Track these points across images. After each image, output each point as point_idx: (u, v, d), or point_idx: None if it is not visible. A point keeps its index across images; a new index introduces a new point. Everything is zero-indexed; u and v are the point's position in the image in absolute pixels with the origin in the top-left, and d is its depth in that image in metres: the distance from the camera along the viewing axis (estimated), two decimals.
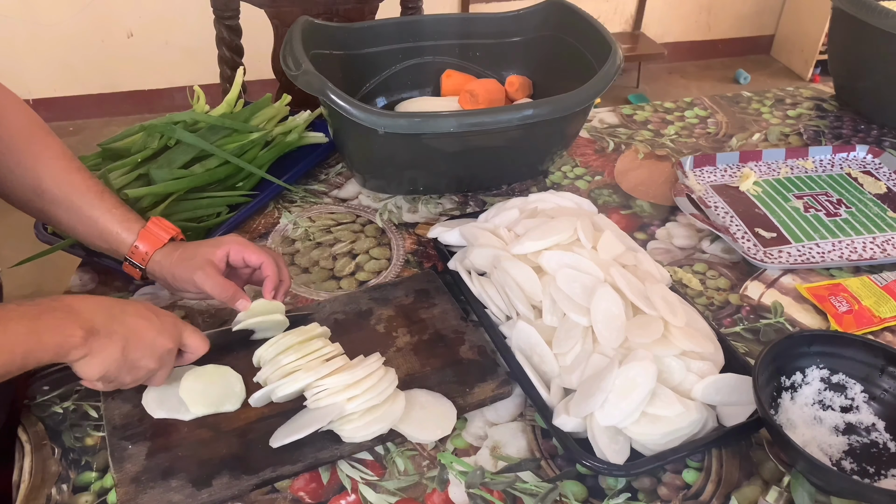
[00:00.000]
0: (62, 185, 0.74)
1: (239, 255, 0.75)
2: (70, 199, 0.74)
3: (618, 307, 0.71)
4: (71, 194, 0.74)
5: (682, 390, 0.67)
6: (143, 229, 0.75)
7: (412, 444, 0.68)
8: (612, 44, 1.00)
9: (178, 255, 0.75)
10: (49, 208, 0.75)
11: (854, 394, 0.71)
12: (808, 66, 3.52)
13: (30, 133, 0.74)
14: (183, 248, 0.76)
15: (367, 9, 1.47)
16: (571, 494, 0.65)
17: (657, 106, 1.32)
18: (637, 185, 1.09)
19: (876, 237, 0.98)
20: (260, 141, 1.01)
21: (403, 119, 0.89)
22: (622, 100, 3.29)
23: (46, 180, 0.74)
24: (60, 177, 0.74)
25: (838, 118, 1.30)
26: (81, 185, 0.75)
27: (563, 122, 0.98)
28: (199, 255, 0.74)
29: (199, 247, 0.76)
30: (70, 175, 0.75)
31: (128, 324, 0.63)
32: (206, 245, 0.76)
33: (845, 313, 0.83)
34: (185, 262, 0.74)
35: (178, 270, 0.74)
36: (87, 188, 0.75)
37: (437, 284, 0.85)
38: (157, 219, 0.77)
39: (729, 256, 0.94)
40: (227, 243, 0.76)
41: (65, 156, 0.76)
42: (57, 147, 0.76)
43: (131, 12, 2.83)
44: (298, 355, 0.68)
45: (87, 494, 0.64)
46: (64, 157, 0.75)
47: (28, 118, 0.75)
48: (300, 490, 0.64)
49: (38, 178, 0.73)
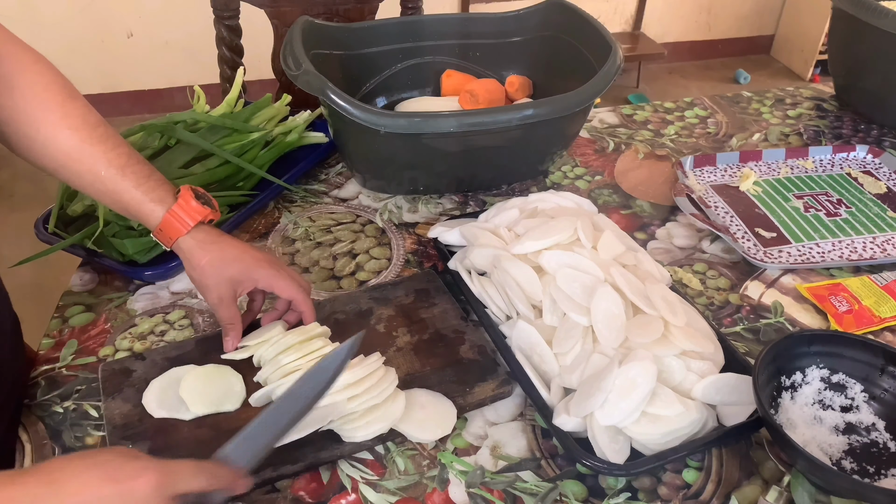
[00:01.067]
0: (83, 158, 0.69)
1: (269, 286, 0.72)
2: (92, 174, 0.69)
3: (618, 307, 0.71)
4: (92, 167, 0.69)
5: (682, 390, 0.67)
6: (168, 213, 0.70)
7: (412, 444, 0.68)
8: (612, 44, 1.00)
9: (207, 260, 0.70)
10: (73, 179, 0.71)
11: (854, 393, 0.71)
12: (808, 66, 3.52)
13: (47, 99, 0.69)
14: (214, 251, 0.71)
15: (367, 9, 1.46)
16: (571, 494, 0.65)
17: (657, 106, 1.32)
18: (637, 185, 1.09)
19: (876, 237, 0.98)
20: (260, 141, 1.01)
21: (403, 119, 0.89)
22: (622, 100, 3.29)
23: (65, 152, 0.69)
24: (80, 149, 0.69)
25: (838, 118, 1.30)
26: (102, 157, 0.69)
27: (563, 122, 0.98)
28: (227, 274, 0.70)
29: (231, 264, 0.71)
30: (91, 146, 0.69)
31: None
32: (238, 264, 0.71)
33: (845, 313, 0.83)
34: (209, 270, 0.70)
35: (197, 274, 0.71)
36: (109, 162, 0.69)
37: (438, 284, 0.85)
38: (186, 195, 0.71)
39: (729, 256, 0.94)
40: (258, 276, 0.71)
41: (86, 124, 0.70)
42: (77, 115, 0.70)
43: (131, 12, 2.83)
44: (299, 355, 0.68)
45: None
46: (85, 125, 0.70)
47: (47, 81, 0.70)
48: (300, 490, 0.64)
49: (57, 149, 0.69)
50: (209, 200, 0.73)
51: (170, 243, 0.72)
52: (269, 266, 0.72)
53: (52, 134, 0.69)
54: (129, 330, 0.80)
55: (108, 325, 0.81)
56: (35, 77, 0.69)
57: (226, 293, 0.71)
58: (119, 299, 0.85)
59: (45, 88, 0.69)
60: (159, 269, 0.86)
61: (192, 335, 0.80)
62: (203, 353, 0.74)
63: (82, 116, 0.70)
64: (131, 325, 0.81)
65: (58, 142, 0.69)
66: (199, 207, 0.71)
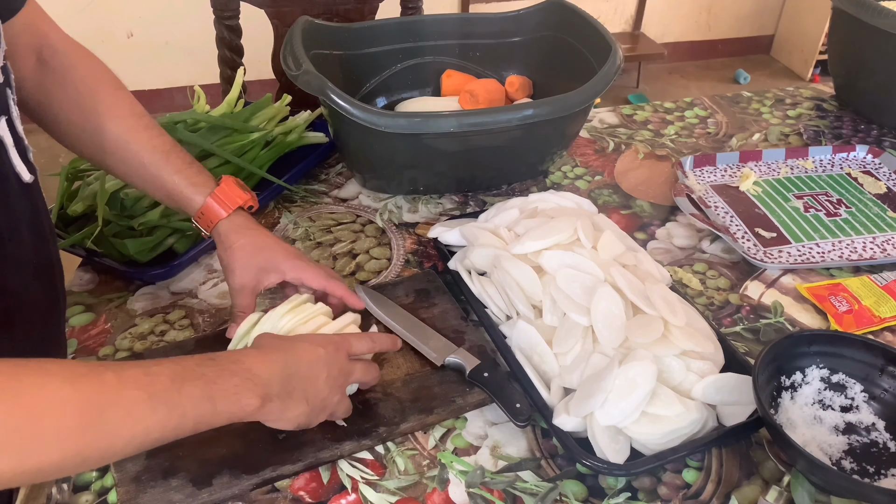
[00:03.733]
0: (129, 145, 0.72)
1: (297, 278, 0.73)
2: (137, 160, 0.72)
3: (618, 307, 0.71)
4: (138, 154, 0.72)
5: (682, 390, 0.68)
6: (211, 195, 0.72)
7: (412, 444, 0.68)
8: (612, 44, 1.00)
9: (240, 244, 0.72)
10: (119, 167, 0.74)
11: (854, 393, 0.71)
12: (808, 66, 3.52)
13: (96, 90, 0.73)
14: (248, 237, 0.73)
15: (367, 9, 1.47)
16: (571, 494, 0.65)
17: (657, 106, 1.32)
18: (637, 185, 1.09)
19: (876, 237, 0.98)
20: (260, 141, 1.01)
21: (403, 119, 0.89)
22: (622, 100, 3.29)
23: (112, 141, 0.72)
24: (126, 137, 0.72)
25: (838, 118, 1.30)
26: (147, 144, 0.72)
27: (563, 122, 0.99)
28: (255, 261, 0.72)
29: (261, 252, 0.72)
30: (137, 134, 0.72)
31: (302, 376, 0.60)
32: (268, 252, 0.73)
33: (845, 313, 0.83)
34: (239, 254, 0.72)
35: (227, 256, 0.72)
36: (154, 147, 0.73)
37: (438, 284, 0.85)
38: (229, 180, 0.74)
39: (729, 256, 0.94)
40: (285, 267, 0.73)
41: (132, 113, 0.74)
42: (124, 104, 0.74)
43: (131, 12, 2.83)
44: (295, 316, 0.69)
45: (87, 494, 0.64)
46: (131, 114, 0.73)
47: (96, 73, 0.74)
48: (300, 489, 0.64)
49: (105, 138, 0.72)
50: (248, 190, 0.76)
51: (210, 227, 0.73)
52: (297, 258, 0.74)
53: (101, 123, 0.72)
54: (129, 330, 0.80)
55: (109, 325, 0.81)
56: (86, 71, 0.73)
57: (249, 280, 0.72)
58: (119, 299, 0.85)
59: (95, 81, 0.74)
60: (159, 269, 0.86)
61: (192, 335, 0.80)
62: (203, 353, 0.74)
63: (129, 107, 0.74)
64: (131, 325, 0.81)
65: (106, 131, 0.72)
66: (240, 192, 0.74)
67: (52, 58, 0.72)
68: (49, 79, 0.71)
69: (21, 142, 0.63)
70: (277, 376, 0.58)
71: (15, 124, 0.62)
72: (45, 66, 0.71)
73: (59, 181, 0.92)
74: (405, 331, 0.77)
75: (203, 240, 0.90)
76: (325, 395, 0.62)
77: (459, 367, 0.72)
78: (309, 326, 0.69)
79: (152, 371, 0.51)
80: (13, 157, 0.62)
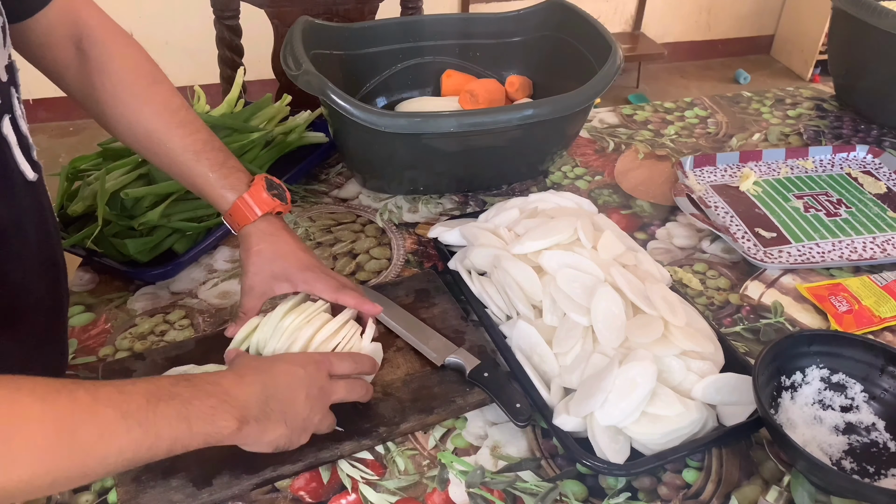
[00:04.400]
0: (161, 141, 0.73)
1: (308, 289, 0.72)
2: (169, 157, 0.73)
3: (618, 307, 0.71)
4: (169, 151, 0.73)
5: (682, 390, 0.67)
6: (238, 199, 0.72)
7: (412, 444, 0.68)
8: (612, 44, 1.00)
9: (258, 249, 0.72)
10: (153, 160, 0.75)
11: (854, 393, 0.71)
12: (808, 66, 3.52)
13: (133, 83, 0.73)
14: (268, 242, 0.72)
15: (367, 9, 1.47)
16: (571, 494, 0.65)
17: (657, 106, 1.32)
18: (637, 185, 1.09)
19: (876, 237, 0.98)
20: (260, 141, 1.01)
21: (403, 119, 0.89)
22: (622, 100, 3.29)
23: (145, 135, 0.73)
24: (159, 132, 0.73)
25: (838, 118, 1.30)
26: (179, 143, 0.73)
27: (563, 122, 0.98)
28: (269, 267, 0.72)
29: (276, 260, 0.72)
30: (169, 131, 0.73)
31: (281, 398, 0.59)
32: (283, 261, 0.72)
33: (845, 313, 0.83)
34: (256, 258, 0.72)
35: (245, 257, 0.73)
36: (185, 147, 0.73)
37: (438, 284, 0.85)
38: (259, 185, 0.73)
39: (729, 256, 0.94)
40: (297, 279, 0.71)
41: (167, 109, 0.74)
42: (160, 99, 0.74)
43: (131, 12, 2.83)
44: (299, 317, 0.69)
45: (87, 494, 0.64)
46: (166, 110, 0.74)
47: (135, 65, 0.74)
48: (300, 489, 0.64)
49: (140, 132, 0.73)
50: (282, 192, 0.75)
51: (238, 229, 0.74)
52: (311, 270, 0.72)
53: (135, 117, 0.73)
54: (130, 330, 0.80)
55: (109, 324, 0.81)
56: (124, 62, 0.74)
57: (259, 284, 0.72)
58: (119, 299, 0.85)
59: (133, 72, 0.74)
60: (160, 269, 0.86)
61: (192, 335, 0.80)
62: (203, 353, 0.74)
63: (164, 101, 0.74)
64: (131, 325, 0.81)
65: (139, 124, 0.73)
66: (268, 199, 0.73)
67: (90, 48, 0.72)
68: (89, 68, 0.72)
69: (25, 140, 0.63)
70: (255, 398, 0.57)
71: (19, 123, 0.63)
72: (85, 56, 0.72)
73: (59, 181, 0.92)
74: (405, 331, 0.77)
75: (203, 240, 0.90)
76: (304, 415, 0.61)
77: (459, 367, 0.72)
78: (313, 325, 0.69)
79: (126, 390, 0.50)
80: (17, 155, 0.62)
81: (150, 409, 0.50)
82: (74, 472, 0.47)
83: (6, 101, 0.60)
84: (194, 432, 0.52)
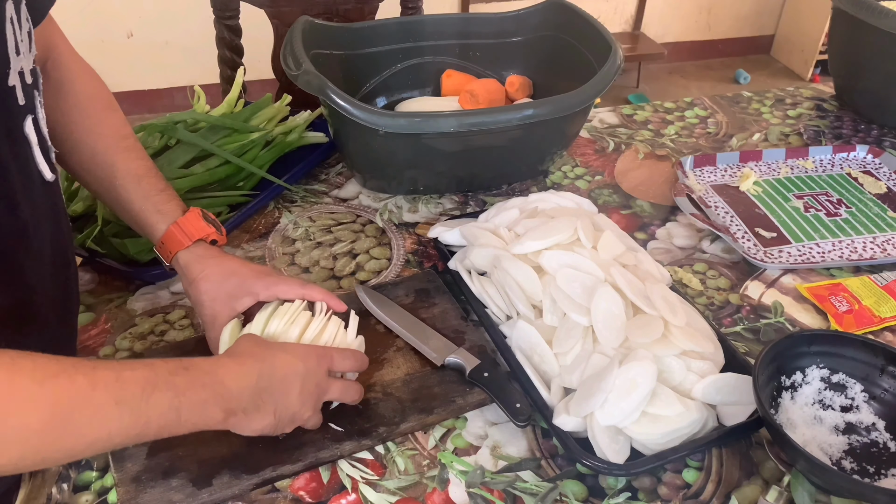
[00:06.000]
0: (107, 163, 0.73)
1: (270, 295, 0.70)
2: (108, 180, 0.73)
3: (618, 307, 0.71)
4: (109, 174, 0.73)
5: (683, 390, 0.67)
6: (172, 225, 0.71)
7: (412, 444, 0.68)
8: (612, 44, 1.00)
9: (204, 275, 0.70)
10: (92, 184, 0.75)
11: (854, 393, 0.71)
12: (808, 66, 3.52)
13: (87, 107, 0.74)
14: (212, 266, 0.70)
15: (367, 9, 1.47)
16: (571, 494, 0.65)
17: (657, 106, 1.32)
18: (637, 185, 1.09)
19: (876, 237, 0.98)
20: (260, 141, 1.01)
21: (403, 119, 0.89)
22: (622, 100, 3.29)
23: (88, 157, 0.73)
24: (105, 154, 0.73)
25: (838, 118, 1.30)
26: (123, 166, 0.73)
27: (563, 122, 0.98)
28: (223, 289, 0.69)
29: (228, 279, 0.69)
30: (116, 155, 0.73)
31: (275, 390, 0.60)
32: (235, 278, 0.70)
33: (845, 313, 0.83)
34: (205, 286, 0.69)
35: (193, 289, 0.70)
36: (128, 171, 0.72)
37: (438, 284, 0.85)
38: (194, 212, 0.73)
39: (729, 256, 0.94)
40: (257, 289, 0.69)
41: (116, 134, 0.74)
42: (109, 125, 0.74)
43: (131, 12, 2.83)
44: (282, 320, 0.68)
45: (87, 493, 0.64)
46: (115, 135, 0.74)
47: (92, 91, 0.75)
48: (300, 489, 0.64)
49: (86, 152, 0.73)
50: (217, 225, 0.75)
51: (169, 257, 0.72)
52: (268, 276, 0.71)
53: (84, 137, 0.73)
54: (130, 330, 0.80)
55: (108, 325, 0.81)
56: (83, 87, 0.75)
57: (221, 310, 0.69)
58: (119, 299, 0.85)
59: (89, 98, 0.75)
60: (160, 269, 0.85)
61: (192, 335, 0.80)
62: (203, 354, 0.73)
63: (114, 128, 0.75)
64: (131, 325, 0.81)
65: (86, 145, 0.73)
66: (203, 225, 0.73)
67: (53, 70, 0.73)
68: (48, 87, 0.71)
69: (45, 141, 0.64)
70: (249, 390, 0.58)
71: (40, 124, 0.63)
72: (47, 77, 0.72)
73: None
74: (405, 331, 0.77)
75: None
76: (295, 409, 0.61)
77: (459, 367, 0.72)
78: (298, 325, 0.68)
79: (124, 377, 0.51)
80: (37, 156, 0.62)
81: (143, 398, 0.51)
82: (64, 453, 0.49)
83: (30, 102, 0.61)
84: (183, 421, 0.54)
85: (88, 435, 0.49)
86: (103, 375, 0.50)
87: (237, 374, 0.58)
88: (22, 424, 0.45)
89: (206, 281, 0.70)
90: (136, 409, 0.50)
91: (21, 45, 0.59)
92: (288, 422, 0.62)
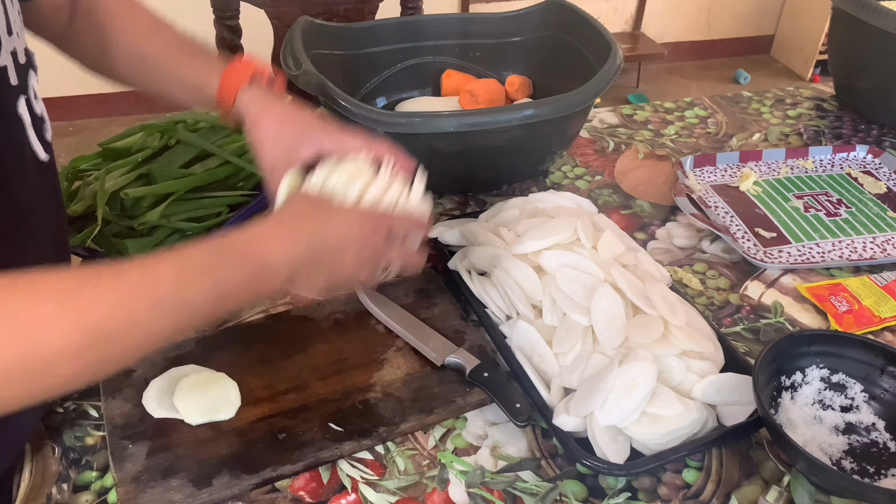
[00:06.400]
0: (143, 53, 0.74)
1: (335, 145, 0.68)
2: (154, 65, 0.74)
3: (618, 307, 0.71)
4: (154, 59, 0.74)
5: (683, 390, 0.68)
6: (227, 68, 0.71)
7: (412, 444, 0.68)
8: (612, 44, 1.00)
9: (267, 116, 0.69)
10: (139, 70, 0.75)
11: (854, 393, 0.71)
12: (808, 66, 3.52)
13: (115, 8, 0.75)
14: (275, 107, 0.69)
15: (367, 9, 1.47)
16: (571, 494, 0.65)
17: (657, 106, 1.32)
18: (637, 185, 1.09)
19: (876, 237, 0.98)
20: None
21: (403, 119, 0.89)
22: (622, 100, 3.29)
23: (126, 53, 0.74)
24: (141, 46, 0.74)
25: (838, 118, 1.30)
26: (164, 47, 0.74)
27: (563, 122, 0.98)
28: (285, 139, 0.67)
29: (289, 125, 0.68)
30: (151, 39, 0.74)
31: (325, 258, 0.58)
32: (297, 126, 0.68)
33: (845, 313, 0.83)
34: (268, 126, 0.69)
35: (256, 131, 0.69)
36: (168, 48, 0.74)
37: (438, 284, 0.85)
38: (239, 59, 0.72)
39: (729, 256, 0.94)
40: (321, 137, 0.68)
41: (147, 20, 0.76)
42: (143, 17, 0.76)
43: None
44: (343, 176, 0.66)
45: (87, 494, 0.64)
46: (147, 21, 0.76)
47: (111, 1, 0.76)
48: (300, 489, 0.64)
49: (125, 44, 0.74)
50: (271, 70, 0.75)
51: (231, 103, 0.71)
52: (332, 124, 0.69)
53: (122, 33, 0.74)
54: None
55: None
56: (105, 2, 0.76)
57: (282, 156, 0.67)
58: None
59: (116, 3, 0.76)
60: None
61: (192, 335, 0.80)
62: (203, 353, 0.74)
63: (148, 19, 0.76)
64: None
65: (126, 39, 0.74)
66: (256, 61, 0.72)
67: None
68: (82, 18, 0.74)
69: (38, 120, 0.63)
70: (297, 259, 0.56)
71: (32, 104, 0.63)
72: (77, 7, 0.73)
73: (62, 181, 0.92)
74: (405, 331, 0.77)
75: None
76: (349, 274, 0.60)
77: (459, 367, 0.72)
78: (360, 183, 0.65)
79: (152, 279, 0.49)
80: (31, 135, 0.62)
81: (177, 296, 0.49)
82: (114, 360, 0.48)
83: (23, 83, 0.61)
84: (227, 304, 0.53)
85: (130, 342, 0.47)
86: (131, 279, 0.48)
87: (282, 247, 0.55)
88: (60, 349, 0.44)
89: (269, 122, 0.69)
90: (171, 310, 0.49)
91: (13, 25, 0.59)
92: (343, 283, 0.61)
